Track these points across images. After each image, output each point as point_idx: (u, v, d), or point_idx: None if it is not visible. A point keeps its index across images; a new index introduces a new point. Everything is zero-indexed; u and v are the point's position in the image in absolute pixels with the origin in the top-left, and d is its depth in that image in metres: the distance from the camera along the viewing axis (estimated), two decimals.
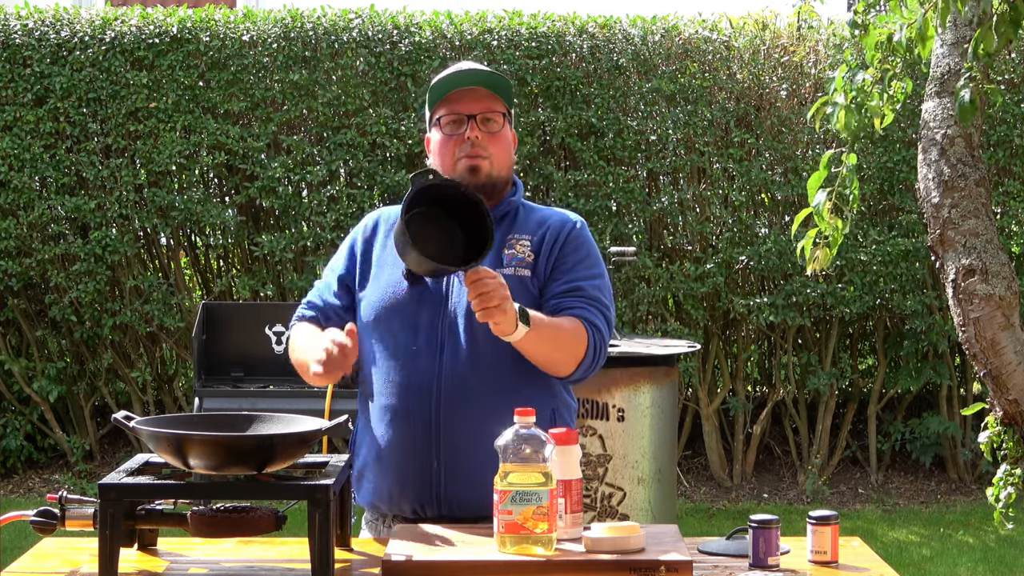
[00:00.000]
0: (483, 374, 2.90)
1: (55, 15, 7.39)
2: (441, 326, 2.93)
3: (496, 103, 2.99)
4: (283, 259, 7.30)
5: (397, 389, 2.94)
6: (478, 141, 2.95)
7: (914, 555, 6.41)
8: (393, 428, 2.94)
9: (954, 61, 4.28)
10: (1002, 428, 4.35)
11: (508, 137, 3.02)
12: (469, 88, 2.98)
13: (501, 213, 3.02)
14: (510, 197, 3.04)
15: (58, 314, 7.35)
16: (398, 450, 2.92)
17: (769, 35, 7.50)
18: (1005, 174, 7.46)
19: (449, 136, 2.98)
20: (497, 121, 2.98)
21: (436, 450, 2.89)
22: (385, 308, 2.98)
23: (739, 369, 7.63)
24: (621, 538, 2.60)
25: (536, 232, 3.01)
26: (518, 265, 2.97)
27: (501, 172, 3.00)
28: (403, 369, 2.94)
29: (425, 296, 2.95)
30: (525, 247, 2.99)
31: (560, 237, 3.00)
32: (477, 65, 3.04)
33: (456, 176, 2.96)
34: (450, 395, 2.90)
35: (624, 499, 5.10)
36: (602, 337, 2.97)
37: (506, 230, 3.01)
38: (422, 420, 2.90)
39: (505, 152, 3.01)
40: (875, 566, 2.72)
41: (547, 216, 3.06)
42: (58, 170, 7.28)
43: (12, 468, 7.63)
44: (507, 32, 7.37)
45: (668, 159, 7.36)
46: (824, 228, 3.93)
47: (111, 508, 2.50)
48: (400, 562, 2.53)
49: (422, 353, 2.92)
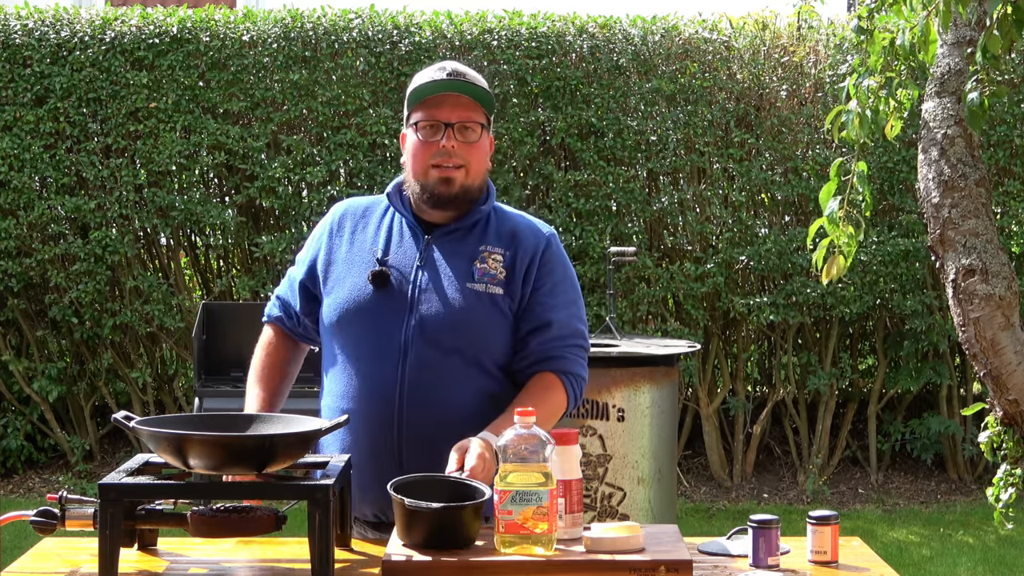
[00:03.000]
0: (447, 381, 2.88)
1: (55, 15, 7.39)
2: (405, 331, 2.90)
3: (475, 112, 2.94)
4: (283, 259, 7.30)
5: (358, 393, 2.92)
6: (454, 151, 2.91)
7: (914, 555, 6.41)
8: (354, 432, 2.92)
9: (954, 61, 4.28)
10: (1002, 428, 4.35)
11: (485, 146, 2.97)
12: (450, 94, 2.94)
13: (471, 223, 2.98)
14: (480, 206, 2.99)
15: (58, 314, 7.35)
16: (359, 455, 2.89)
17: (769, 35, 7.50)
18: (1005, 174, 7.46)
19: (424, 142, 2.93)
20: (475, 130, 2.93)
21: (397, 456, 2.87)
22: (348, 311, 2.95)
23: (739, 369, 7.63)
24: (621, 538, 2.60)
25: (508, 247, 2.97)
26: (490, 282, 2.94)
27: (475, 181, 2.95)
28: (365, 373, 2.92)
29: (389, 301, 2.92)
30: (497, 262, 2.95)
31: (535, 259, 2.97)
32: (461, 68, 2.98)
33: (428, 183, 2.92)
34: (412, 401, 2.87)
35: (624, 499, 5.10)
36: (581, 376, 3.00)
37: (477, 240, 2.97)
38: (384, 425, 2.87)
39: (481, 161, 2.96)
40: (875, 566, 2.72)
41: (518, 228, 3.01)
42: (58, 170, 7.28)
43: (12, 468, 7.63)
44: (507, 32, 7.37)
45: (668, 159, 7.36)
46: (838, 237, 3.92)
47: (111, 508, 2.49)
48: (400, 562, 2.53)
49: (385, 357, 2.90)
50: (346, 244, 3.03)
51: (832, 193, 3.90)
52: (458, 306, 2.90)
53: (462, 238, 2.98)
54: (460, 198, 2.94)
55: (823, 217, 3.93)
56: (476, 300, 2.92)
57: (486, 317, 2.92)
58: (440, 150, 2.91)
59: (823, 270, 4.01)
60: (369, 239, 3.01)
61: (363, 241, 3.01)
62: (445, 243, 2.97)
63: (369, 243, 3.00)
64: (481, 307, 2.91)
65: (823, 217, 3.93)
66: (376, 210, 3.07)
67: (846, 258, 3.97)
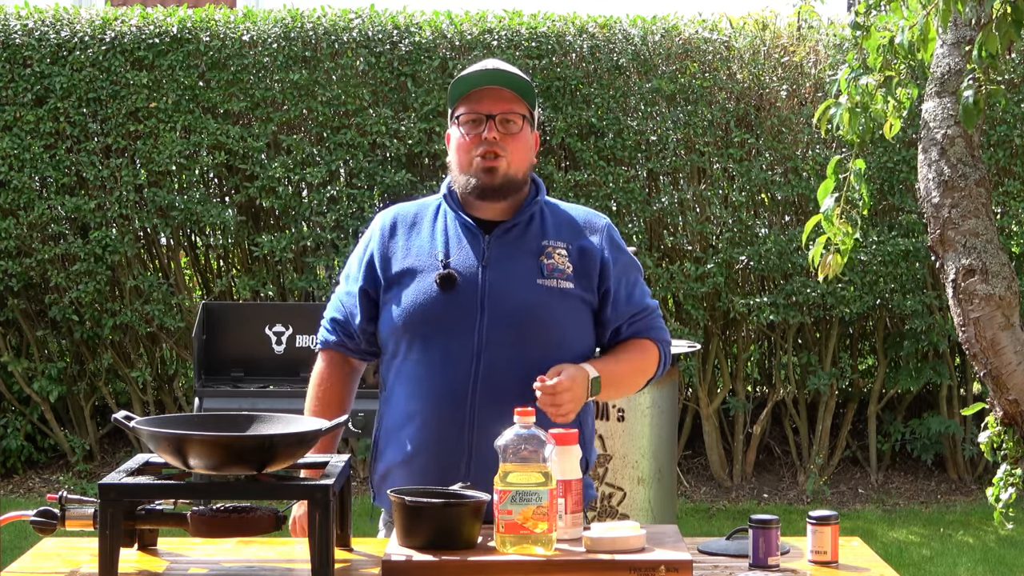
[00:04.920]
0: (519, 383, 2.87)
1: (55, 15, 7.39)
2: (477, 334, 2.90)
3: (517, 104, 2.97)
4: (283, 259, 7.30)
5: (429, 394, 2.91)
6: (496, 141, 2.93)
7: (914, 555, 6.41)
8: (424, 433, 2.91)
9: (954, 61, 4.28)
10: (1002, 428, 4.35)
11: (527, 139, 2.99)
12: (491, 88, 2.97)
13: (526, 217, 2.99)
14: (532, 199, 3.01)
15: (58, 314, 7.36)
16: (429, 455, 2.90)
17: (769, 35, 7.50)
18: (1005, 174, 7.46)
19: (467, 135, 2.96)
20: (516, 123, 2.96)
21: (467, 457, 2.87)
22: (416, 314, 2.94)
23: (739, 369, 7.63)
24: (621, 538, 2.60)
25: (572, 241, 3.00)
26: (559, 277, 2.96)
27: (518, 173, 2.97)
28: (437, 374, 2.91)
29: (458, 303, 2.92)
30: (563, 256, 2.98)
31: (602, 251, 3.02)
32: (503, 65, 3.02)
33: (472, 175, 2.95)
34: (485, 403, 2.87)
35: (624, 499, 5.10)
36: (669, 345, 3.13)
37: (538, 236, 2.99)
38: (455, 426, 2.87)
39: (524, 153, 2.98)
40: (875, 566, 2.72)
41: (576, 221, 3.05)
42: (58, 170, 7.28)
43: (12, 468, 7.63)
44: (507, 32, 7.37)
45: (668, 159, 7.36)
46: (834, 234, 3.93)
47: (111, 508, 2.49)
48: (400, 562, 2.53)
49: (457, 360, 2.90)
50: (402, 248, 3.01)
51: (830, 191, 3.90)
52: (531, 304, 2.92)
53: (522, 234, 2.99)
54: (505, 187, 2.95)
55: (819, 214, 3.93)
56: (548, 296, 2.93)
57: (560, 312, 2.93)
58: (482, 142, 2.93)
59: (819, 267, 4.02)
60: (426, 242, 3.00)
61: (420, 244, 3.00)
62: (506, 241, 2.97)
63: (427, 246, 2.99)
64: (553, 303, 2.92)
65: (819, 214, 3.93)
66: (427, 213, 3.06)
67: (842, 256, 3.97)
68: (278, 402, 5.48)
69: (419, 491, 2.67)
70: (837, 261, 3.98)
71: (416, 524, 2.59)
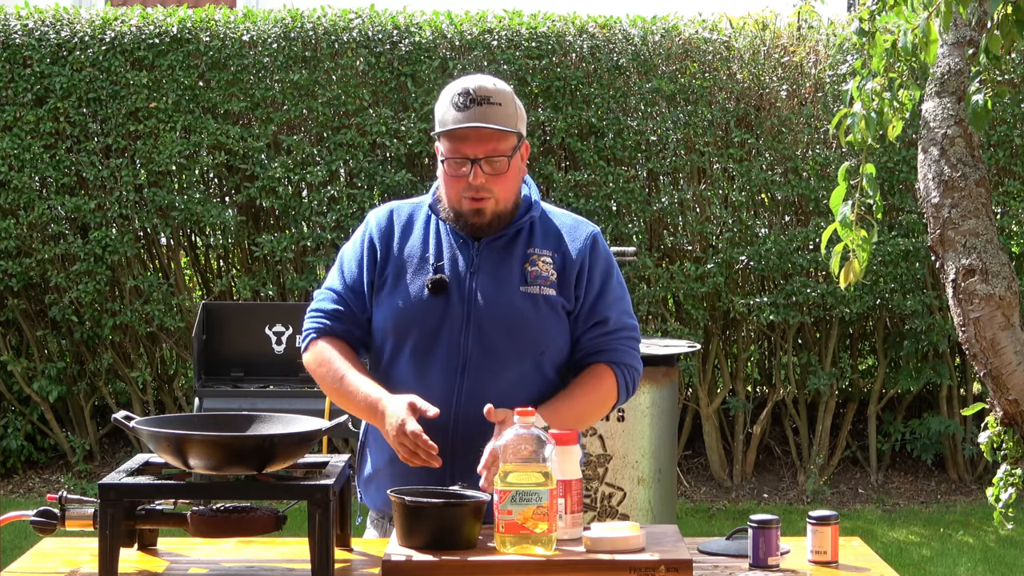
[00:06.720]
0: (504, 386, 2.89)
1: (55, 15, 7.39)
2: (463, 338, 2.91)
3: (502, 143, 2.91)
4: (283, 259, 7.30)
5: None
6: (482, 186, 2.90)
7: (914, 555, 6.41)
8: None
9: (954, 61, 4.28)
10: (1002, 428, 4.35)
11: (515, 171, 2.96)
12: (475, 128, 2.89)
13: (515, 230, 2.99)
14: (521, 217, 3.00)
15: (58, 314, 7.35)
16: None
17: (769, 35, 7.49)
18: (1005, 174, 7.46)
19: (453, 175, 2.93)
20: (502, 162, 2.91)
21: (451, 461, 2.86)
22: (405, 316, 2.95)
23: (739, 369, 7.63)
24: (621, 538, 2.60)
25: (556, 249, 3.00)
26: (543, 284, 2.96)
27: (507, 205, 2.96)
28: (422, 379, 2.92)
29: (447, 307, 2.93)
30: (547, 264, 2.97)
31: (584, 261, 3.00)
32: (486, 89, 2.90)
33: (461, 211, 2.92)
34: (469, 409, 2.88)
35: (624, 499, 5.10)
36: (633, 366, 3.03)
37: (525, 244, 2.99)
38: (439, 432, 2.86)
39: (511, 188, 2.96)
40: (875, 566, 2.72)
41: (563, 229, 3.03)
42: (58, 170, 7.28)
43: (12, 468, 7.63)
44: (507, 32, 7.37)
45: (668, 159, 7.36)
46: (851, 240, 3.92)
47: (111, 508, 2.50)
48: (400, 562, 2.53)
49: (442, 363, 2.91)
50: (396, 247, 3.02)
51: (842, 197, 3.90)
52: (514, 310, 2.92)
53: (510, 242, 2.99)
54: (493, 224, 2.96)
55: (836, 222, 3.92)
56: (531, 303, 2.94)
57: (542, 319, 2.94)
58: (468, 186, 2.91)
59: (840, 275, 4.00)
60: (419, 244, 3.00)
61: (413, 246, 3.01)
62: (494, 248, 2.98)
63: (420, 248, 3.00)
64: (536, 309, 2.93)
65: (836, 222, 3.92)
66: (420, 215, 3.06)
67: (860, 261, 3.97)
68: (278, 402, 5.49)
69: (419, 491, 2.68)
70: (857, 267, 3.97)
71: (416, 524, 2.59)
